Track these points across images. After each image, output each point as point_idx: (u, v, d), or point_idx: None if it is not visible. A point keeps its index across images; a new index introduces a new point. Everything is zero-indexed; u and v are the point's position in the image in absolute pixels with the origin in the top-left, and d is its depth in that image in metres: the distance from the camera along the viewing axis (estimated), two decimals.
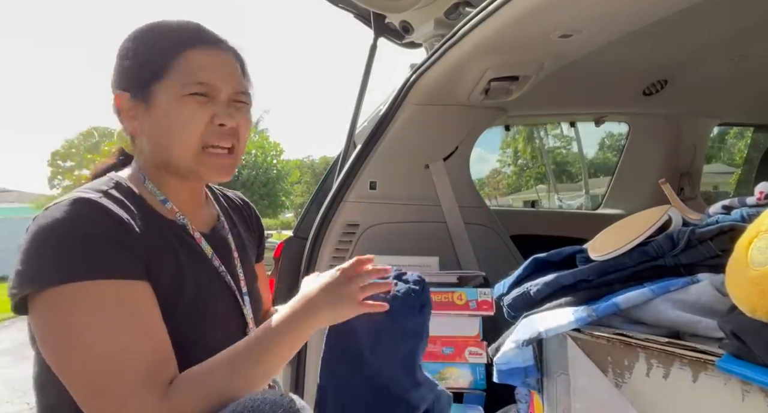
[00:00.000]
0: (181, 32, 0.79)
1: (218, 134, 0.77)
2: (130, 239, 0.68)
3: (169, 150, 0.76)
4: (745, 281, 0.49)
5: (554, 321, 0.72)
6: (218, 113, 0.77)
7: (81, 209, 0.67)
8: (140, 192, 0.77)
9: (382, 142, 1.49)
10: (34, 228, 0.66)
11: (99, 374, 0.63)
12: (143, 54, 0.77)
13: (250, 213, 1.00)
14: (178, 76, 0.75)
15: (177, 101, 0.75)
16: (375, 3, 1.60)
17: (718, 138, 10.89)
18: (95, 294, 0.64)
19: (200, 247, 0.80)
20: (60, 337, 0.64)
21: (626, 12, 1.04)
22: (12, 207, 18.92)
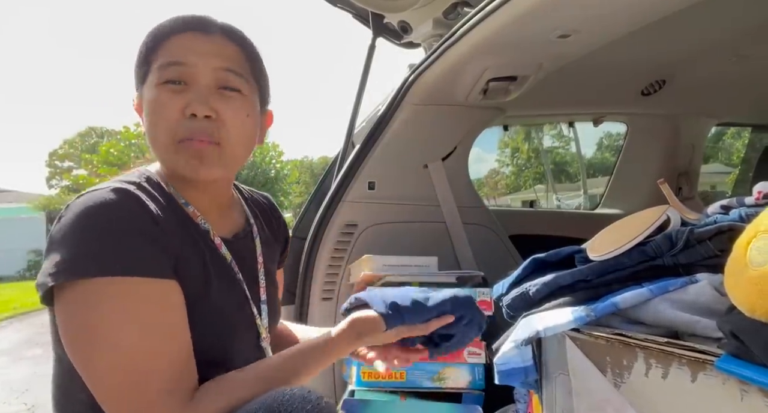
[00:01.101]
0: (171, 23, 0.73)
1: (191, 125, 0.69)
2: (163, 236, 0.66)
3: (153, 146, 0.72)
4: (744, 281, 0.49)
5: (553, 320, 0.72)
6: (190, 102, 0.69)
7: (120, 200, 0.64)
8: (169, 191, 0.74)
9: (381, 142, 1.49)
10: (71, 215, 0.63)
11: (125, 375, 0.61)
12: (139, 52, 0.74)
13: (277, 216, 0.96)
14: (157, 65, 0.71)
15: (152, 91, 0.70)
16: (373, 3, 1.60)
17: (715, 138, 10.91)
18: (129, 291, 0.62)
19: (221, 253, 0.77)
20: (88, 332, 0.62)
21: (625, 12, 1.04)
22: (10, 207, 18.87)
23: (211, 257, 0.74)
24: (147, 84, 0.72)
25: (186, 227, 0.72)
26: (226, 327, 0.74)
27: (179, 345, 0.65)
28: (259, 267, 0.83)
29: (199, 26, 0.73)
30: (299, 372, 0.70)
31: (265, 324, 0.81)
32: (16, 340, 5.90)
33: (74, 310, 0.62)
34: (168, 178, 0.76)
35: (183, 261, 0.68)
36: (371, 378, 1.20)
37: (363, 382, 1.20)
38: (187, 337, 0.66)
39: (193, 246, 0.72)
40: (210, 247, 0.75)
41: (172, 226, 0.69)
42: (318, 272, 1.48)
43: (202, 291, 0.70)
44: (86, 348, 0.62)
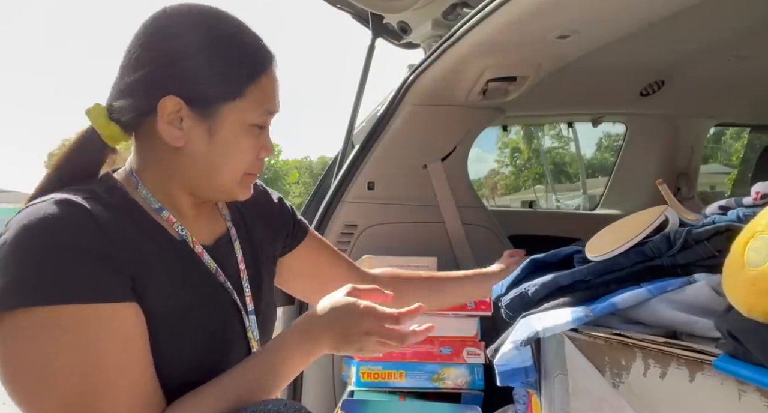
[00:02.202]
0: (257, 47, 0.71)
1: (260, 164, 0.75)
2: (117, 252, 0.60)
3: (216, 174, 0.70)
4: (742, 281, 0.49)
5: (552, 320, 0.72)
6: (265, 146, 0.74)
7: (63, 214, 0.58)
8: (134, 197, 0.69)
9: (380, 142, 1.49)
10: (9, 234, 0.57)
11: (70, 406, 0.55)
12: (219, 66, 0.67)
13: (266, 202, 0.89)
14: (251, 102, 0.69)
15: (242, 130, 0.69)
16: (373, 3, 1.60)
17: (715, 139, 10.91)
18: (71, 321, 0.56)
19: (202, 261, 0.71)
20: (26, 370, 0.55)
21: (624, 13, 1.04)
22: (9, 208, 18.86)
23: (188, 269, 0.70)
24: (230, 113, 0.68)
25: (153, 239, 0.67)
26: (211, 344, 0.69)
27: (134, 378, 0.59)
28: (242, 275, 0.77)
29: (272, 59, 0.73)
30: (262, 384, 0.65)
31: (257, 337, 0.76)
32: None
33: (11, 344, 0.56)
34: (153, 179, 0.71)
35: (145, 278, 0.62)
36: (371, 378, 1.20)
37: (362, 382, 1.20)
38: (145, 367, 0.61)
39: (160, 259, 0.66)
40: (188, 257, 0.70)
41: (132, 239, 0.63)
42: None
43: (173, 307, 0.65)
44: (26, 388, 0.56)
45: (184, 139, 0.68)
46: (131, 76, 0.68)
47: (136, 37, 0.69)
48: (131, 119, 0.69)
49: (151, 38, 0.68)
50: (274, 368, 0.67)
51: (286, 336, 0.70)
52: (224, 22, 0.70)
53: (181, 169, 0.70)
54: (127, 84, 0.68)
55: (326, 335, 0.69)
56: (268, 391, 0.66)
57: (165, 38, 0.67)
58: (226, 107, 0.68)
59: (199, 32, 0.67)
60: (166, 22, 0.69)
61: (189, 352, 0.67)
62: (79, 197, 0.62)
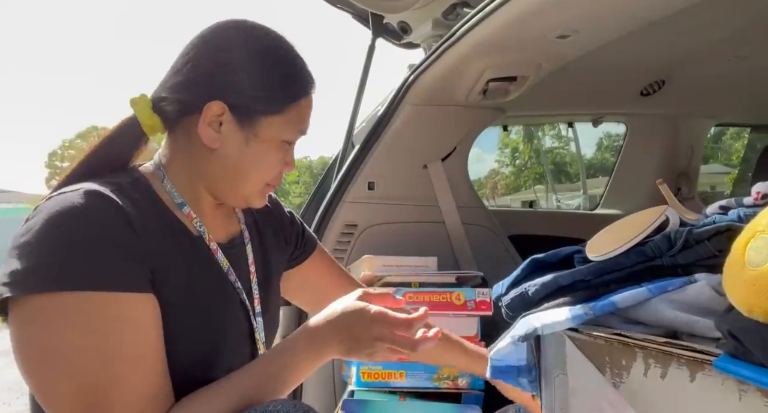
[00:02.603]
0: (303, 70, 0.75)
1: (280, 177, 0.78)
2: (140, 244, 0.62)
3: (241, 181, 0.73)
4: (742, 281, 0.49)
5: (551, 318, 0.72)
6: (289, 162, 0.76)
7: (91, 204, 0.60)
8: (157, 190, 0.71)
9: (381, 142, 1.49)
10: (37, 220, 0.59)
11: (85, 403, 0.56)
12: (267, 81, 0.71)
13: (278, 214, 0.92)
14: (289, 120, 0.73)
15: (275, 144, 0.73)
16: (373, 3, 1.60)
17: (715, 138, 10.91)
18: (92, 308, 0.57)
19: (216, 259, 0.73)
20: (44, 353, 0.57)
21: (624, 13, 1.04)
22: (9, 208, 18.87)
23: (202, 265, 0.71)
24: (268, 127, 0.71)
25: (172, 232, 0.69)
26: (218, 342, 0.70)
27: (146, 370, 0.60)
28: (252, 278, 0.79)
29: (314, 84, 0.77)
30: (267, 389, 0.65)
31: (262, 338, 0.77)
32: None
33: (30, 327, 0.58)
34: (180, 175, 0.73)
35: (163, 270, 0.64)
36: (371, 378, 1.20)
37: (363, 382, 1.20)
38: (157, 359, 0.62)
39: (178, 253, 0.68)
40: (203, 254, 0.72)
41: (154, 232, 0.65)
42: None
43: (186, 301, 0.66)
44: (42, 370, 0.57)
45: (219, 141, 0.70)
46: (183, 76, 0.71)
47: (192, 43, 0.73)
48: (174, 114, 0.71)
49: (208, 45, 0.72)
50: (283, 370, 0.67)
51: (296, 339, 0.70)
52: (277, 42, 0.75)
53: (210, 170, 0.73)
54: (178, 82, 0.71)
55: (335, 340, 0.68)
56: (276, 392, 0.66)
57: (221, 47, 0.71)
58: (266, 120, 0.71)
59: (254, 46, 0.72)
60: (223, 33, 0.73)
61: (196, 347, 0.67)
62: (107, 189, 0.64)
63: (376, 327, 0.67)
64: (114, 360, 0.58)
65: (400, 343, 0.68)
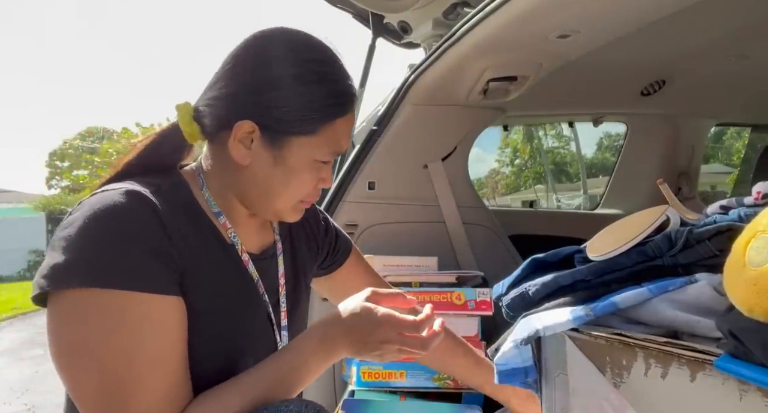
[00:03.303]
0: (342, 92, 0.72)
1: (317, 193, 0.76)
2: (172, 247, 0.63)
3: (273, 199, 0.72)
4: (743, 281, 0.49)
5: (552, 319, 0.72)
6: (325, 178, 0.75)
7: (130, 205, 0.62)
8: (196, 196, 0.72)
9: (381, 142, 1.49)
10: (78, 215, 0.61)
11: (106, 400, 0.58)
12: (300, 102, 0.68)
13: (315, 219, 0.92)
14: (323, 141, 0.70)
15: (307, 165, 0.71)
16: (373, 3, 1.60)
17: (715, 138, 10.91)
18: (121, 306, 0.59)
19: (246, 270, 0.74)
20: (73, 344, 0.59)
21: (624, 12, 1.04)
22: (10, 208, 18.88)
23: (232, 274, 0.72)
24: (299, 147, 0.70)
25: (206, 239, 0.70)
26: (240, 350, 0.71)
27: (167, 371, 0.61)
28: (281, 290, 0.79)
29: (354, 103, 0.74)
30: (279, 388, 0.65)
31: None
32: (17, 340, 5.91)
33: (62, 321, 0.60)
34: (216, 186, 0.73)
35: (194, 274, 0.65)
36: (371, 378, 1.20)
37: (363, 382, 1.20)
38: (179, 362, 0.63)
39: (210, 259, 0.69)
40: (235, 263, 0.73)
41: (188, 236, 0.66)
42: None
43: (213, 307, 0.67)
44: (71, 364, 0.60)
45: (250, 158, 0.70)
46: (219, 90, 0.71)
47: (233, 53, 0.71)
48: (210, 127, 0.72)
49: (246, 59, 0.71)
50: (294, 369, 0.67)
51: (307, 338, 0.70)
52: (318, 55, 0.72)
53: (242, 185, 0.73)
54: (215, 96, 0.71)
55: (345, 340, 0.68)
56: (289, 391, 0.67)
57: (257, 64, 0.70)
58: (297, 140, 0.70)
59: (291, 63, 0.69)
60: (263, 45, 0.71)
61: (219, 354, 0.68)
62: (147, 190, 0.65)
63: (383, 329, 0.67)
64: (135, 360, 0.59)
65: (410, 344, 0.68)
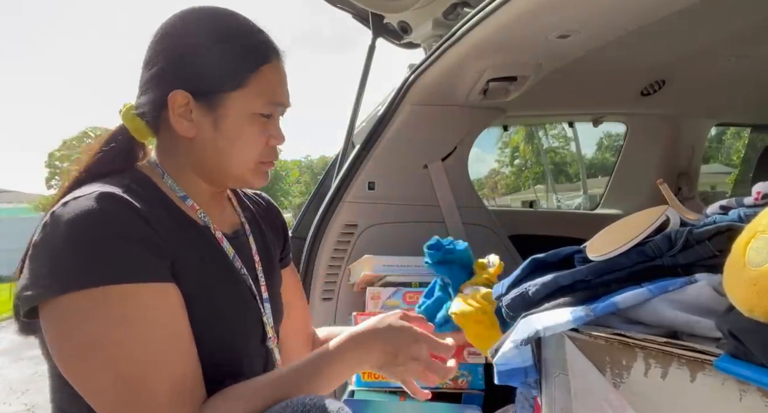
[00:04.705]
0: (257, 38, 0.74)
1: (272, 152, 0.78)
2: (158, 237, 0.65)
3: (227, 162, 0.74)
4: (743, 281, 0.49)
5: (552, 320, 0.72)
6: (274, 134, 0.76)
7: (107, 206, 0.62)
8: (160, 187, 0.74)
9: (381, 142, 1.49)
10: (56, 225, 0.61)
11: (127, 388, 0.59)
12: (219, 60, 0.71)
13: (275, 215, 0.96)
14: (254, 91, 0.72)
15: (247, 119, 0.73)
16: (373, 3, 1.60)
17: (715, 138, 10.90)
18: (123, 299, 0.60)
19: (221, 247, 0.76)
20: (82, 346, 0.59)
21: (624, 12, 1.04)
22: (9, 208, 18.87)
23: (211, 254, 0.73)
24: (233, 103, 0.72)
25: (181, 225, 0.71)
26: (231, 326, 0.72)
27: (182, 351, 0.63)
28: (257, 266, 0.81)
29: (278, 51, 0.76)
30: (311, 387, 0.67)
31: (271, 323, 0.80)
32: (17, 340, 5.90)
33: (63, 326, 0.60)
34: (174, 169, 0.75)
35: (181, 262, 0.67)
36: (371, 378, 1.20)
37: (363, 382, 1.20)
38: (189, 342, 0.64)
39: (189, 244, 0.70)
40: (210, 243, 0.74)
41: (166, 226, 0.67)
42: (318, 272, 1.48)
43: (201, 290, 0.69)
44: (81, 367, 0.60)
45: (194, 129, 0.72)
46: (146, 74, 0.74)
47: (152, 37, 0.75)
48: (149, 113, 0.74)
49: (163, 37, 0.74)
50: (324, 370, 0.69)
51: (343, 342, 0.72)
52: (228, 19, 0.75)
53: (195, 158, 0.75)
54: (145, 80, 0.74)
55: (379, 349, 0.71)
56: (316, 391, 0.68)
57: (173, 37, 0.73)
58: (229, 97, 0.72)
59: (204, 29, 0.73)
60: (175, 21, 0.74)
61: (214, 333, 0.69)
62: (118, 190, 0.66)
63: (417, 346, 0.72)
64: (148, 344, 0.60)
65: (434, 368, 0.73)
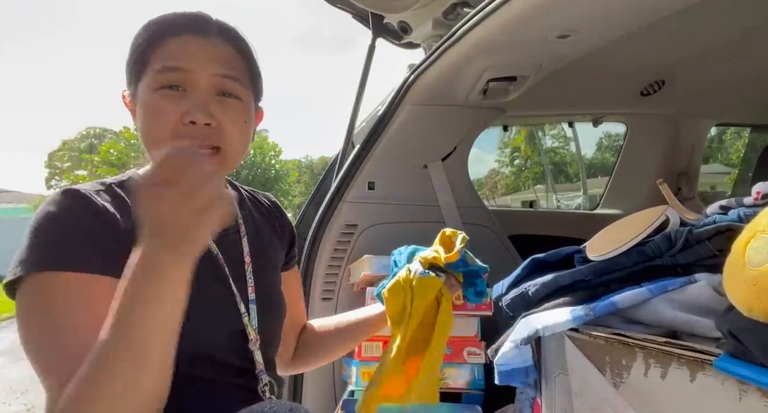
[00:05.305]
0: (170, 20, 0.72)
1: (190, 132, 0.68)
2: (108, 232, 0.67)
3: (146, 147, 0.72)
4: (742, 281, 0.49)
5: (552, 319, 0.72)
6: (189, 109, 0.68)
7: (63, 201, 0.68)
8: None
9: (381, 142, 1.49)
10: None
11: (38, 362, 0.63)
12: (132, 50, 0.73)
13: (280, 218, 0.95)
14: (153, 65, 0.70)
15: (149, 94, 0.69)
16: (373, 3, 1.60)
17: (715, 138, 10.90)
18: (49, 285, 0.64)
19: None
20: (19, 327, 0.65)
21: (624, 13, 1.04)
22: (9, 208, 18.86)
23: None
24: (142, 84, 0.71)
25: None
26: (203, 321, 0.71)
27: (80, 339, 0.61)
28: (247, 267, 0.80)
29: (197, 27, 0.72)
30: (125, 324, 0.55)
31: (255, 325, 0.78)
32: (17, 340, 5.90)
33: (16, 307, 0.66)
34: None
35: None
36: (371, 378, 1.20)
37: (363, 382, 1.20)
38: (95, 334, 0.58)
39: None
40: None
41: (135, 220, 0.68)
42: (318, 272, 1.48)
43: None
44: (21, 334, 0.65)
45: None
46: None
47: None
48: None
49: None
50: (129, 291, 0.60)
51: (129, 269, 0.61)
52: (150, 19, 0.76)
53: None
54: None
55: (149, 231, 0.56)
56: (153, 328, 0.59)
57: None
58: (142, 81, 0.72)
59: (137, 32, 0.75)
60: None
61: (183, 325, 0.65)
62: (88, 187, 0.71)
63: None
64: (47, 329, 0.63)
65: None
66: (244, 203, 0.90)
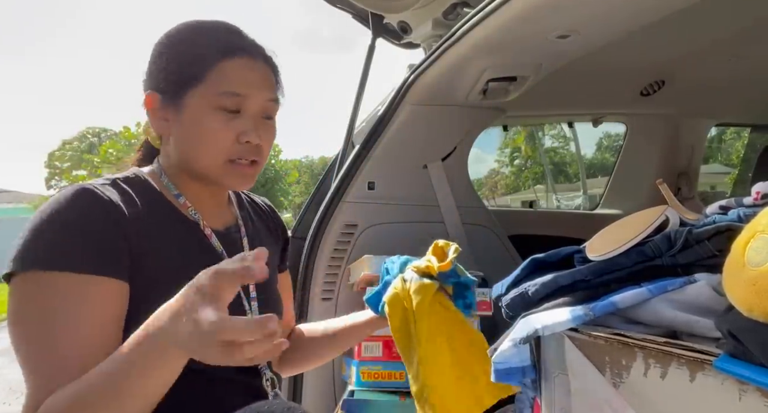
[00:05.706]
0: (222, 38, 0.77)
1: (244, 150, 0.77)
2: (116, 232, 0.67)
3: (195, 159, 0.76)
4: (742, 281, 0.49)
5: (551, 319, 0.72)
6: (246, 131, 0.75)
7: (73, 199, 0.67)
8: (159, 187, 0.78)
9: (381, 142, 1.49)
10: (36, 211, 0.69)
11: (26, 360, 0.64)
12: (180, 57, 0.75)
13: (275, 220, 0.99)
14: (212, 85, 0.74)
15: (207, 113, 0.74)
16: (373, 3, 1.60)
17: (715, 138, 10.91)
18: (43, 285, 0.64)
19: (210, 243, 0.79)
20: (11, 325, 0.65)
21: (624, 13, 1.04)
22: (9, 208, 18.87)
23: (197, 248, 0.77)
24: (194, 99, 0.74)
25: (169, 221, 0.75)
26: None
27: (78, 342, 0.63)
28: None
29: (248, 49, 0.78)
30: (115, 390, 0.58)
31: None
32: None
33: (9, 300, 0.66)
34: (173, 171, 0.79)
35: (155, 254, 0.70)
36: (371, 377, 1.20)
37: (363, 382, 1.20)
38: (93, 335, 0.63)
39: (174, 238, 0.74)
40: (199, 238, 0.77)
41: (144, 220, 0.71)
42: (318, 272, 1.48)
43: (180, 284, 0.66)
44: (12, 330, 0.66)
45: (168, 128, 0.77)
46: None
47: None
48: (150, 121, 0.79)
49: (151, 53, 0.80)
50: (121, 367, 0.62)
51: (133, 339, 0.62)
52: (196, 25, 0.80)
53: (174, 155, 0.79)
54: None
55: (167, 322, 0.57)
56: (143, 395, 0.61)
57: (154, 48, 0.79)
58: (189, 93, 0.74)
59: (174, 35, 0.78)
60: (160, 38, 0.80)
61: None
62: (97, 184, 0.71)
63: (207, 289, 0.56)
64: (37, 328, 0.63)
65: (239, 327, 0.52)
66: (243, 204, 0.93)
